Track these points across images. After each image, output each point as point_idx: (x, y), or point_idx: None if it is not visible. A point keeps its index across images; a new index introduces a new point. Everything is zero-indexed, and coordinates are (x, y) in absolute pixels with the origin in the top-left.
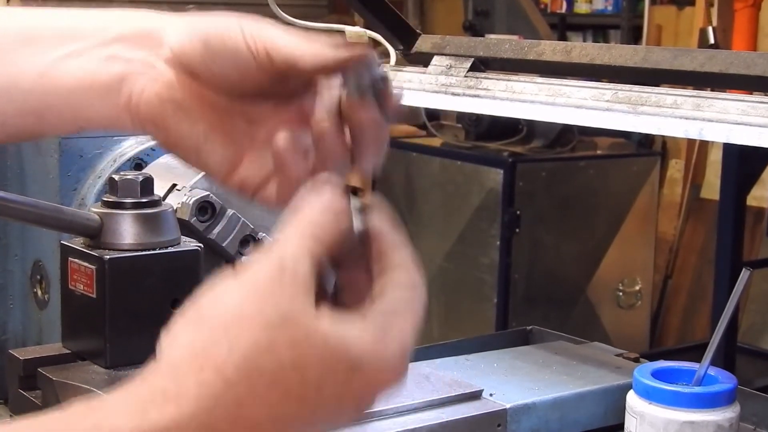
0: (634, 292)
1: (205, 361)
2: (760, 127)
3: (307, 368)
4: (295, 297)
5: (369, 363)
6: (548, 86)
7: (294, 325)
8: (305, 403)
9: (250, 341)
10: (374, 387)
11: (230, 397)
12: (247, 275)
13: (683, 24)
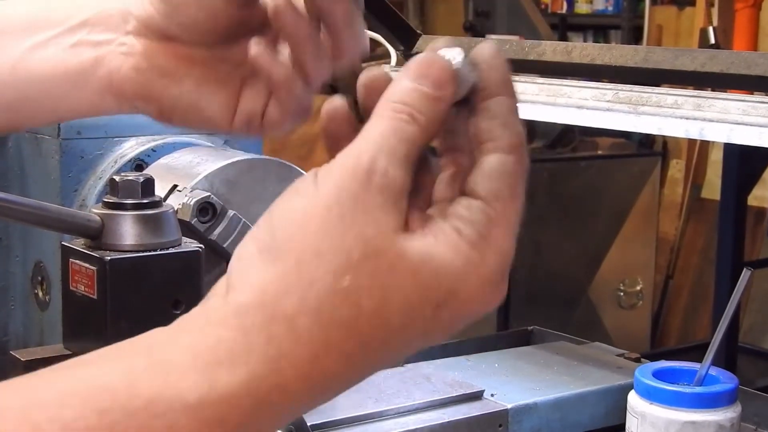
0: (635, 292)
1: (275, 311)
2: (761, 127)
3: (391, 312)
4: (383, 214)
5: (461, 292)
6: (549, 86)
7: (377, 257)
8: (387, 348)
9: (325, 289)
10: (466, 315)
11: (303, 355)
12: (329, 184)
13: (684, 24)
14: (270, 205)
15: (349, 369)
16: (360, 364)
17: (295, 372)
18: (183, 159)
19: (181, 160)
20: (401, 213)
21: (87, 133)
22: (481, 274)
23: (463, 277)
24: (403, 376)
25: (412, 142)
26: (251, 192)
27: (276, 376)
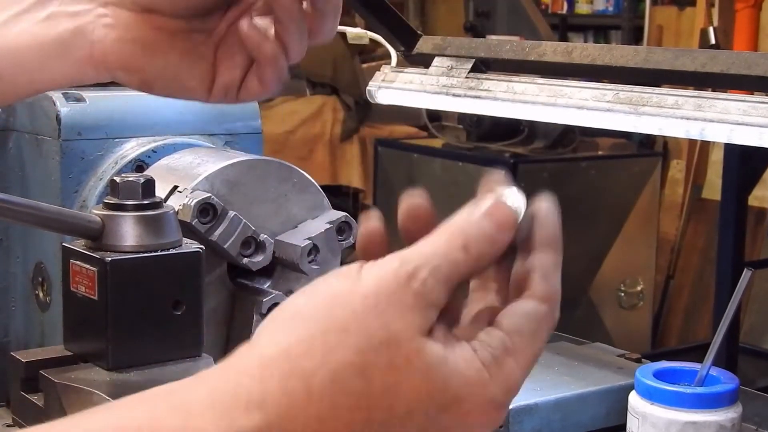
0: (635, 292)
1: (294, 368)
2: (761, 127)
3: (399, 398)
4: (411, 315)
5: (464, 402)
6: (549, 87)
7: (397, 347)
8: (389, 429)
9: (344, 359)
10: (463, 427)
11: (312, 412)
12: (371, 277)
13: (684, 24)
14: (271, 205)
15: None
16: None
17: (304, 427)
18: (183, 160)
19: (181, 161)
20: (428, 321)
21: (87, 134)
22: (487, 392)
23: (471, 389)
24: None
25: (458, 268)
26: (252, 193)
27: (287, 425)
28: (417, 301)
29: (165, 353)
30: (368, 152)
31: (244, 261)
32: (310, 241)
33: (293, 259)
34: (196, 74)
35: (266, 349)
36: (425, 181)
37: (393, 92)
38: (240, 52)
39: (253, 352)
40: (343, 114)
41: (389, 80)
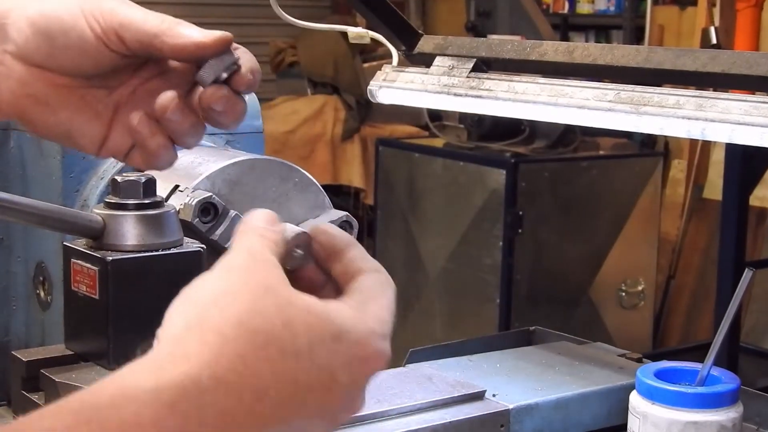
0: (636, 292)
1: (202, 327)
2: (763, 127)
3: (296, 329)
4: (271, 273)
5: (351, 332)
6: (550, 86)
7: (276, 293)
8: (301, 361)
9: (240, 308)
10: (361, 359)
11: (232, 351)
12: (223, 264)
13: (685, 24)
14: (272, 204)
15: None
16: (283, 374)
17: (230, 365)
18: (184, 159)
19: (182, 160)
20: (284, 276)
21: None
22: (366, 324)
23: (352, 321)
24: (406, 377)
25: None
26: (253, 192)
27: (214, 368)
28: (270, 264)
29: None
30: (369, 152)
31: None
32: None
33: None
34: (87, 133)
35: (170, 330)
36: (426, 180)
37: (394, 92)
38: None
39: (160, 339)
40: (344, 113)
41: (390, 80)
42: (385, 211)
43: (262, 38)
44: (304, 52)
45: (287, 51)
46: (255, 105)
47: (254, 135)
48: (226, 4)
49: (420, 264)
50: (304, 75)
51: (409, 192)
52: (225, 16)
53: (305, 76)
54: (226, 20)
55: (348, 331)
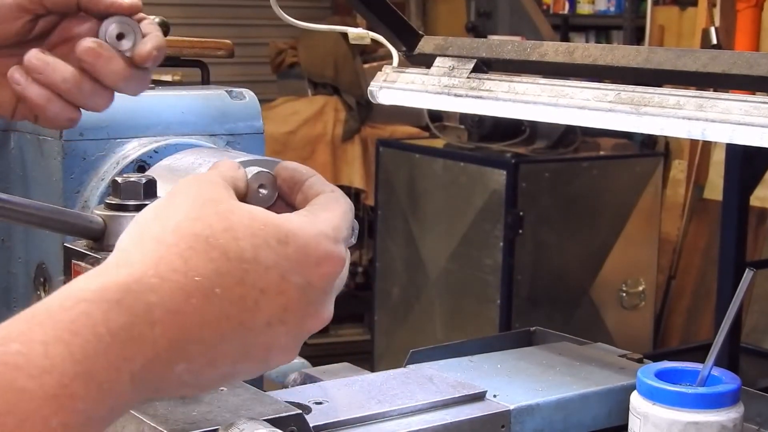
0: (637, 292)
1: (143, 236)
2: (763, 128)
3: (238, 233)
4: (215, 189)
5: (298, 235)
6: (551, 87)
7: (218, 203)
8: (246, 263)
9: (179, 216)
10: (312, 260)
11: (173, 255)
12: (170, 191)
13: (686, 24)
14: None
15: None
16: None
17: (172, 267)
18: (185, 160)
19: (183, 161)
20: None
21: (89, 135)
22: (314, 226)
23: (298, 224)
24: (406, 377)
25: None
26: None
27: (155, 269)
28: (217, 183)
29: None
30: (370, 152)
31: None
32: None
33: None
34: (2, 97)
35: (118, 245)
36: (426, 181)
37: (394, 92)
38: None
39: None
40: (344, 114)
41: (391, 80)
42: (385, 211)
43: (262, 39)
44: (304, 52)
45: (287, 52)
46: (255, 106)
47: (255, 136)
48: (226, 5)
49: (420, 264)
50: (304, 76)
51: (409, 193)
52: (225, 17)
53: (306, 77)
54: (227, 21)
55: (295, 234)
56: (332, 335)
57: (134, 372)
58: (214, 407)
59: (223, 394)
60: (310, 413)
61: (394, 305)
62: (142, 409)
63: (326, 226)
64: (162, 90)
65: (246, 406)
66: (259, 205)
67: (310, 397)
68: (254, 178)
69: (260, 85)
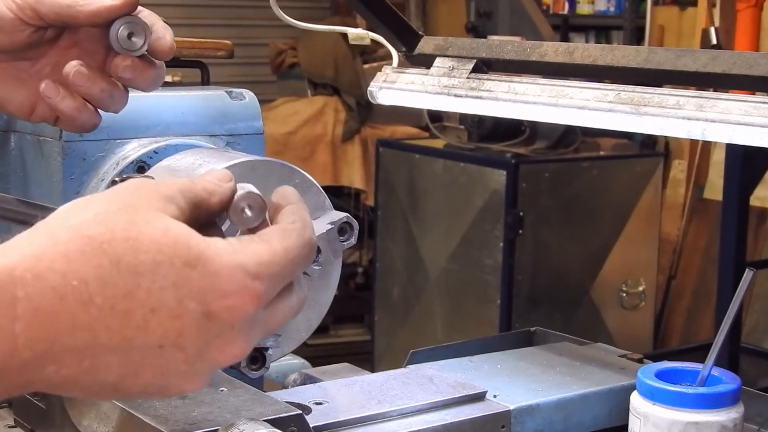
0: (637, 292)
1: (40, 227)
2: (763, 128)
3: (142, 246)
4: (149, 197)
5: (211, 261)
6: (551, 87)
7: (135, 211)
8: (140, 278)
9: (84, 215)
10: (219, 291)
11: (58, 252)
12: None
13: (686, 24)
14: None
15: (100, 283)
16: (111, 286)
17: (51, 265)
18: (185, 161)
19: (183, 161)
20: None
21: (89, 135)
22: (235, 257)
23: (216, 251)
24: (406, 378)
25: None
26: None
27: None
28: (157, 193)
29: None
30: (370, 153)
31: None
32: None
33: None
34: (15, 101)
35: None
36: (426, 181)
37: (394, 93)
38: None
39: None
40: (344, 114)
41: (390, 81)
42: (385, 212)
43: (262, 39)
44: (304, 53)
45: (287, 52)
46: (255, 106)
47: (255, 136)
48: (226, 6)
49: (421, 265)
50: (304, 76)
51: (409, 193)
52: (225, 17)
53: (305, 78)
54: (226, 21)
55: (207, 259)
56: (332, 335)
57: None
58: (214, 408)
59: (224, 394)
60: (310, 414)
61: (394, 305)
62: (143, 409)
63: (250, 259)
64: (162, 90)
65: (246, 406)
66: (242, 225)
67: (310, 398)
68: (241, 197)
69: (260, 85)
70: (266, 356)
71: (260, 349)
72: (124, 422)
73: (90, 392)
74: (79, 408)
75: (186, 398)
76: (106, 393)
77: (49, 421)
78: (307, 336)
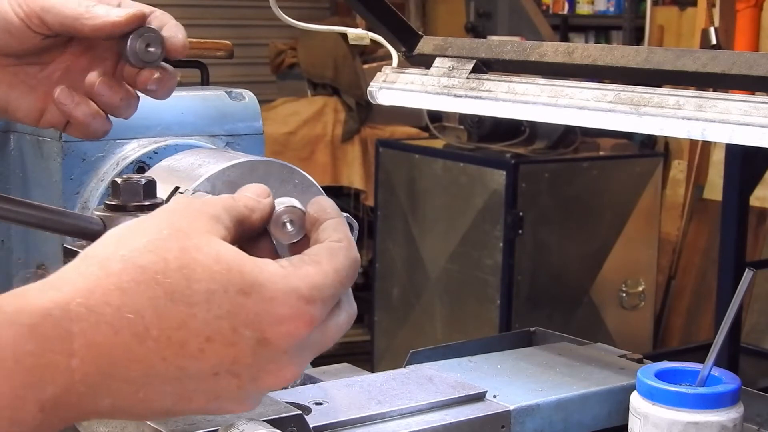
0: (637, 292)
1: (90, 258)
2: (763, 128)
3: (195, 275)
4: (198, 218)
5: (265, 287)
6: (550, 87)
7: (187, 237)
8: (195, 308)
9: (137, 243)
10: (274, 317)
11: (111, 284)
12: (172, 202)
13: (685, 24)
14: None
15: (157, 316)
16: (167, 317)
17: (105, 298)
18: (185, 161)
19: (183, 162)
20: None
21: None
22: (288, 281)
23: (270, 276)
24: (406, 378)
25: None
26: None
27: (85, 298)
28: (204, 213)
29: None
30: (369, 153)
31: None
32: None
33: None
34: (23, 106)
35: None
36: (426, 181)
37: (394, 93)
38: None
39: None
40: (344, 115)
41: (390, 81)
42: (385, 212)
43: (262, 40)
44: (303, 53)
45: (287, 52)
46: (255, 106)
47: (254, 137)
48: (226, 6)
49: (420, 265)
50: (304, 76)
51: (409, 193)
52: (225, 18)
53: (305, 78)
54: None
55: (261, 286)
56: None
57: (43, 401)
58: None
59: None
60: (310, 414)
61: (394, 305)
62: None
63: (303, 284)
64: None
65: None
66: (283, 240)
67: (309, 398)
68: (282, 211)
69: (260, 85)
70: None
71: None
72: (124, 423)
73: (142, 418)
74: None
75: None
76: (157, 417)
77: None
78: None
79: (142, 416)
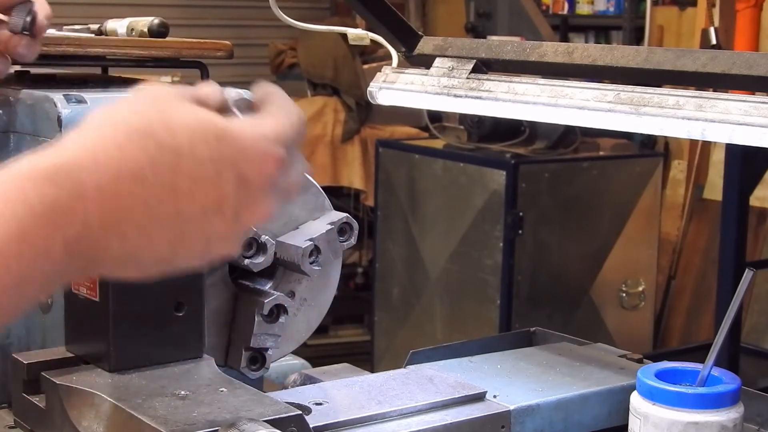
0: (637, 293)
1: (81, 130)
2: (763, 128)
3: (177, 130)
4: (169, 94)
5: (238, 135)
6: (550, 87)
7: (164, 103)
8: (181, 156)
9: (123, 112)
10: (249, 158)
11: (109, 143)
12: None
13: (685, 25)
14: None
15: (152, 166)
16: (161, 166)
17: (106, 154)
18: None
19: None
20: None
21: None
22: (255, 128)
23: (240, 125)
24: (406, 378)
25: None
26: None
27: (88, 154)
28: (172, 92)
29: (166, 355)
30: (369, 153)
31: (246, 262)
32: (311, 242)
33: (295, 260)
34: None
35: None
36: (426, 181)
37: (394, 93)
38: None
39: None
40: (344, 115)
41: (390, 81)
42: (385, 212)
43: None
44: (303, 53)
45: (287, 52)
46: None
47: None
48: (226, 6)
49: (420, 265)
50: (303, 76)
51: (409, 193)
52: (224, 18)
53: (305, 78)
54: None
55: (234, 132)
56: (332, 336)
57: (67, 241)
58: (214, 408)
59: (223, 395)
60: (310, 414)
61: (394, 306)
62: (143, 410)
63: (268, 130)
64: None
65: (246, 406)
66: None
67: (310, 398)
68: (234, 98)
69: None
70: (266, 356)
71: (260, 350)
72: (124, 423)
73: (144, 267)
74: (79, 408)
75: (186, 399)
76: (157, 265)
77: (49, 421)
78: (306, 336)
79: (146, 264)
